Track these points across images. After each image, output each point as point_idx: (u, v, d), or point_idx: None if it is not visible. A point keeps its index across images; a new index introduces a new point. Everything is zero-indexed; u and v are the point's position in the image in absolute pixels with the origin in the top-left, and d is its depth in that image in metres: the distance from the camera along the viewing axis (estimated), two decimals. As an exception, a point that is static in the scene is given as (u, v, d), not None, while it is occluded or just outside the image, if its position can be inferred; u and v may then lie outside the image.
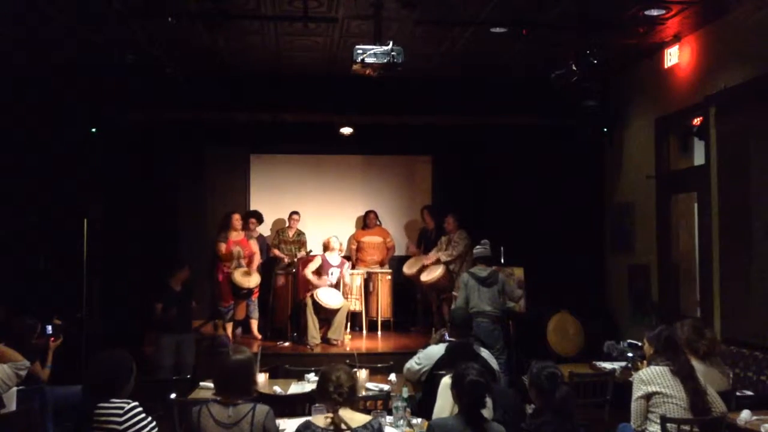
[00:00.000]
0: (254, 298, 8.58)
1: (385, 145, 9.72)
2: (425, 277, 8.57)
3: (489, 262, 7.10)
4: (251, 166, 9.84)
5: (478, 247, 7.17)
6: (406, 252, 9.63)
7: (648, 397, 4.10)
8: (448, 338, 5.09)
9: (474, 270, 7.04)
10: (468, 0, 6.11)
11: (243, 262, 8.42)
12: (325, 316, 8.11)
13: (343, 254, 8.75)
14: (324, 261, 8.39)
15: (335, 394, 3.32)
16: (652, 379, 4.11)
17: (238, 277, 8.24)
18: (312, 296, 8.08)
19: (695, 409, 4.02)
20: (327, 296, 8.14)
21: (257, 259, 8.60)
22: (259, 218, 9.13)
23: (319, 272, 8.34)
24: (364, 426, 3.32)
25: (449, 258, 8.42)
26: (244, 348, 3.62)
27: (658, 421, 4.01)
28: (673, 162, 7.60)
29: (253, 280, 8.34)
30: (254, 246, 8.63)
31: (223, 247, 8.41)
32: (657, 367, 4.16)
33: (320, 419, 3.35)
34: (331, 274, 8.39)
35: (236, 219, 8.57)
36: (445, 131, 9.35)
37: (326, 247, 8.52)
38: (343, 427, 3.28)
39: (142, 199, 8.86)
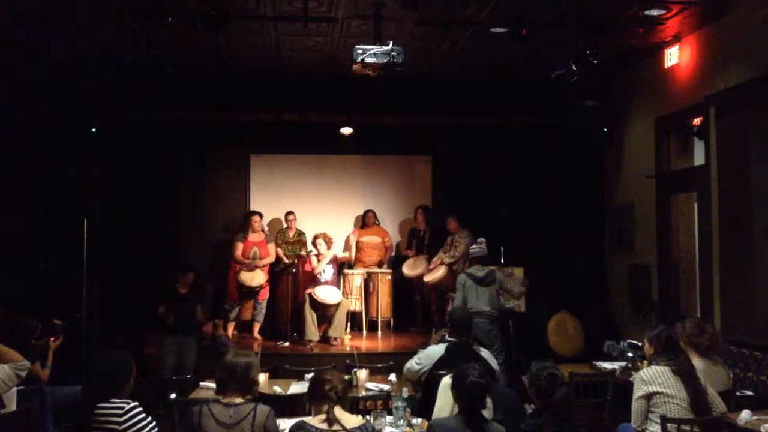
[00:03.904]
0: (262, 300, 8.60)
1: (385, 145, 9.70)
2: (428, 277, 8.58)
3: (485, 261, 7.09)
4: (251, 166, 9.83)
5: (474, 247, 7.16)
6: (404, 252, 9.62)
7: (649, 397, 4.10)
8: (448, 338, 5.09)
9: (471, 270, 7.03)
10: (468, 0, 6.11)
11: (260, 263, 8.45)
12: (323, 312, 8.14)
13: (332, 250, 8.78)
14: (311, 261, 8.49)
15: (331, 392, 3.33)
16: (653, 379, 4.11)
17: (242, 274, 8.30)
18: (310, 293, 8.14)
19: (696, 409, 4.02)
20: (324, 292, 8.19)
21: (268, 261, 8.64)
22: (262, 217, 9.14)
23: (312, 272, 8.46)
24: (359, 427, 3.31)
25: (452, 260, 8.44)
26: (247, 350, 3.62)
27: (659, 421, 4.01)
28: (673, 162, 7.60)
29: (256, 279, 8.36)
30: (271, 249, 8.67)
31: (240, 247, 8.45)
32: (658, 367, 4.16)
33: (314, 419, 3.34)
34: (323, 272, 8.46)
35: (255, 220, 8.63)
36: (445, 131, 9.35)
37: (315, 242, 8.66)
38: (337, 427, 3.26)
39: (142, 199, 8.86)
